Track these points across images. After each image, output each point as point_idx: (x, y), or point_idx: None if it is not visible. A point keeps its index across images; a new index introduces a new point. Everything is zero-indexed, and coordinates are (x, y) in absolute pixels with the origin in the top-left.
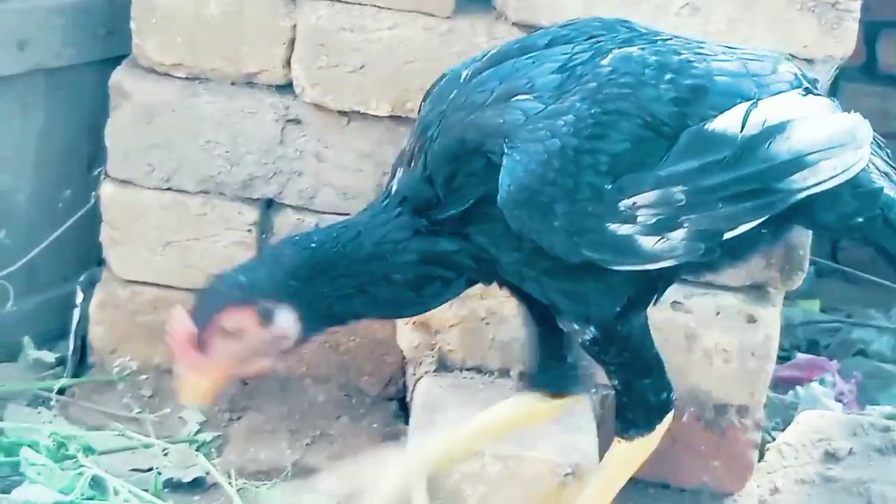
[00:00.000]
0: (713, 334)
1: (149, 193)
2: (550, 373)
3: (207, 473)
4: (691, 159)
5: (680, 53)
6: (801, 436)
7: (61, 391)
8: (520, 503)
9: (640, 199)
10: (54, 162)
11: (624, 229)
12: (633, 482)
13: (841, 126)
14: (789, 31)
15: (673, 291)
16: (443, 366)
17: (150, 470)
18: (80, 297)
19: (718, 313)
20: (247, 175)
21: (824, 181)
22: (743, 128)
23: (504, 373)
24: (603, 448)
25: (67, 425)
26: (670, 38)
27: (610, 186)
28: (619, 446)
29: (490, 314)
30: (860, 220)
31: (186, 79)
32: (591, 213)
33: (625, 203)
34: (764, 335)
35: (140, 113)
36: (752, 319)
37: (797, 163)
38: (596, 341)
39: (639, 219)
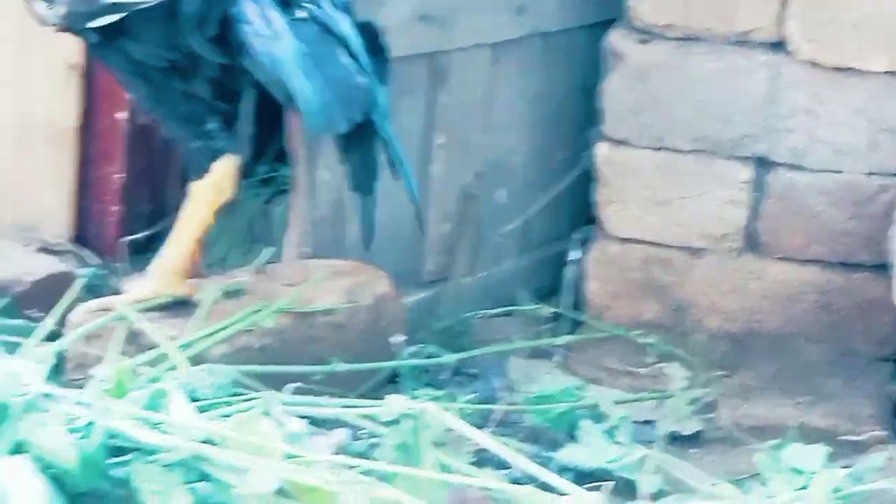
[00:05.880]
0: None
1: (641, 153)
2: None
3: (704, 428)
4: None
5: None
6: None
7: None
8: None
9: None
10: (548, 124)
11: None
12: None
13: None
14: None
15: None
16: None
17: (648, 423)
18: (575, 255)
19: None
20: (738, 133)
21: None
22: None
23: None
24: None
25: (564, 377)
26: None
27: None
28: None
29: None
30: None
31: (678, 39)
32: None
33: None
34: None
35: (633, 74)
36: None
37: None
38: None
39: None
